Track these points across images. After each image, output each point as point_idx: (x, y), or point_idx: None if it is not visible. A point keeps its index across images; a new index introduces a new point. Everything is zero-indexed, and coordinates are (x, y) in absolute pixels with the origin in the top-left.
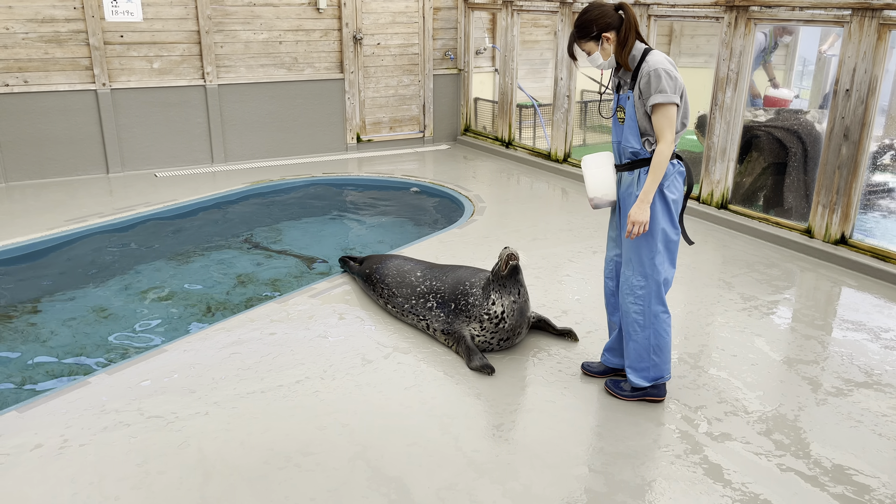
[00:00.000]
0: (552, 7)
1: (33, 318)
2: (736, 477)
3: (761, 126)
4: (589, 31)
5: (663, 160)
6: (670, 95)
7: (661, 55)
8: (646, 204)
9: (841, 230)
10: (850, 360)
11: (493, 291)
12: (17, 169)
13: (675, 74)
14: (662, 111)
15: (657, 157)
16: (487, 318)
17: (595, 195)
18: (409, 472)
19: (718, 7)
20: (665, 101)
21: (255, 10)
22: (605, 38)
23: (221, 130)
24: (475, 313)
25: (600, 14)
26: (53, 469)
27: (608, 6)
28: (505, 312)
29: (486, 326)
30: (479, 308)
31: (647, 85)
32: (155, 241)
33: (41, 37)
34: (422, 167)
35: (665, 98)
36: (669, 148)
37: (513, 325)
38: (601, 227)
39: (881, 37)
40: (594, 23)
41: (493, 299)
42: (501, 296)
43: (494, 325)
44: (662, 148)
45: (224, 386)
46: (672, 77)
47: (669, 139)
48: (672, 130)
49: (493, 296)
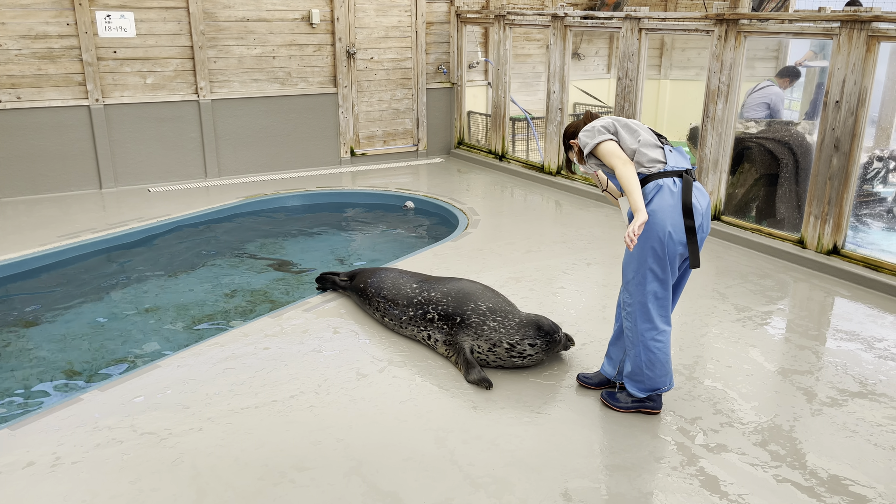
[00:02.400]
0: (544, 21)
1: (25, 335)
2: (732, 488)
3: (753, 138)
4: (567, 148)
5: (625, 181)
6: (590, 142)
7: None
8: (639, 214)
9: (833, 240)
10: (845, 370)
11: (539, 338)
12: (10, 185)
13: (594, 125)
14: (598, 153)
15: (620, 181)
16: (507, 349)
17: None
18: (404, 486)
19: (708, 20)
20: (589, 149)
21: (248, 26)
22: (573, 144)
23: (215, 145)
24: (491, 336)
25: (567, 127)
26: (46, 487)
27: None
28: (531, 357)
29: (499, 353)
30: (504, 336)
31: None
32: (148, 256)
33: (34, 53)
34: (416, 180)
35: (588, 147)
36: (625, 169)
37: (523, 365)
38: (595, 240)
39: (870, 49)
40: (564, 138)
41: (533, 341)
42: (538, 349)
43: (509, 356)
44: (619, 173)
45: (218, 401)
46: (587, 130)
47: (619, 165)
48: (617, 158)
49: (538, 340)
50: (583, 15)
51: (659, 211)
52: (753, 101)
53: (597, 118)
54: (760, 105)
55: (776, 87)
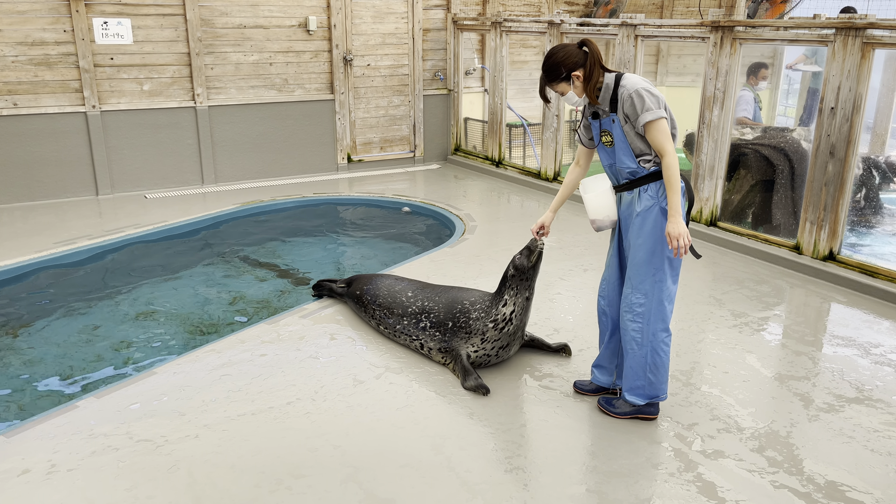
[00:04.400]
0: (540, 28)
1: (21, 341)
2: (730, 495)
3: (749, 144)
4: (558, 74)
5: (674, 172)
6: (657, 111)
7: (635, 77)
8: (677, 216)
9: (829, 246)
10: (841, 376)
11: (509, 290)
12: (6, 191)
13: (654, 91)
14: (655, 127)
15: (668, 172)
16: (493, 326)
17: (596, 217)
18: (401, 493)
19: (704, 27)
20: (654, 117)
21: (245, 32)
22: (574, 76)
23: (212, 152)
24: (477, 327)
25: (565, 55)
26: (41, 495)
27: (571, 46)
28: (514, 312)
29: (490, 336)
30: (485, 319)
31: (631, 107)
32: (144, 263)
33: (31, 60)
34: (413, 187)
35: (653, 115)
36: (675, 158)
37: (517, 325)
38: (591, 246)
39: (865, 55)
40: (561, 64)
41: (506, 300)
42: (517, 293)
43: (500, 330)
44: (670, 161)
45: (214, 408)
46: (653, 94)
47: (671, 150)
48: (670, 142)
49: (506, 296)
50: (579, 22)
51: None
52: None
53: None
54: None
55: (744, 91)
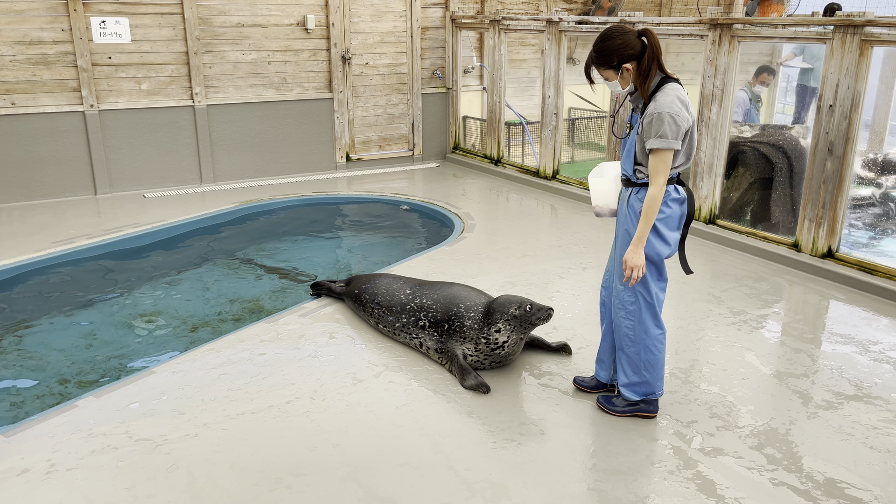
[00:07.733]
0: (539, 26)
1: (20, 341)
2: (729, 492)
3: (747, 142)
4: (609, 61)
5: (653, 204)
6: (669, 141)
7: (674, 93)
8: (639, 248)
9: (828, 244)
10: (840, 374)
11: (505, 322)
12: (5, 191)
13: (680, 118)
14: (659, 155)
15: (647, 202)
16: (485, 343)
17: (597, 202)
18: (400, 492)
19: (702, 25)
20: (662, 146)
21: (243, 31)
22: (625, 68)
23: (210, 151)
24: (471, 335)
25: (623, 44)
26: (40, 494)
27: (631, 33)
28: (507, 343)
29: (482, 349)
30: (478, 332)
31: (648, 125)
32: (143, 262)
33: (29, 59)
34: (411, 185)
35: (663, 144)
36: (661, 192)
37: (509, 353)
38: (591, 244)
39: (863, 53)
40: (615, 54)
41: (500, 328)
42: (513, 331)
43: (490, 349)
44: (653, 192)
45: (214, 407)
46: (676, 122)
47: (661, 183)
48: (665, 174)
49: (501, 325)
50: (577, 20)
51: (672, 217)
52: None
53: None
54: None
55: (740, 92)
